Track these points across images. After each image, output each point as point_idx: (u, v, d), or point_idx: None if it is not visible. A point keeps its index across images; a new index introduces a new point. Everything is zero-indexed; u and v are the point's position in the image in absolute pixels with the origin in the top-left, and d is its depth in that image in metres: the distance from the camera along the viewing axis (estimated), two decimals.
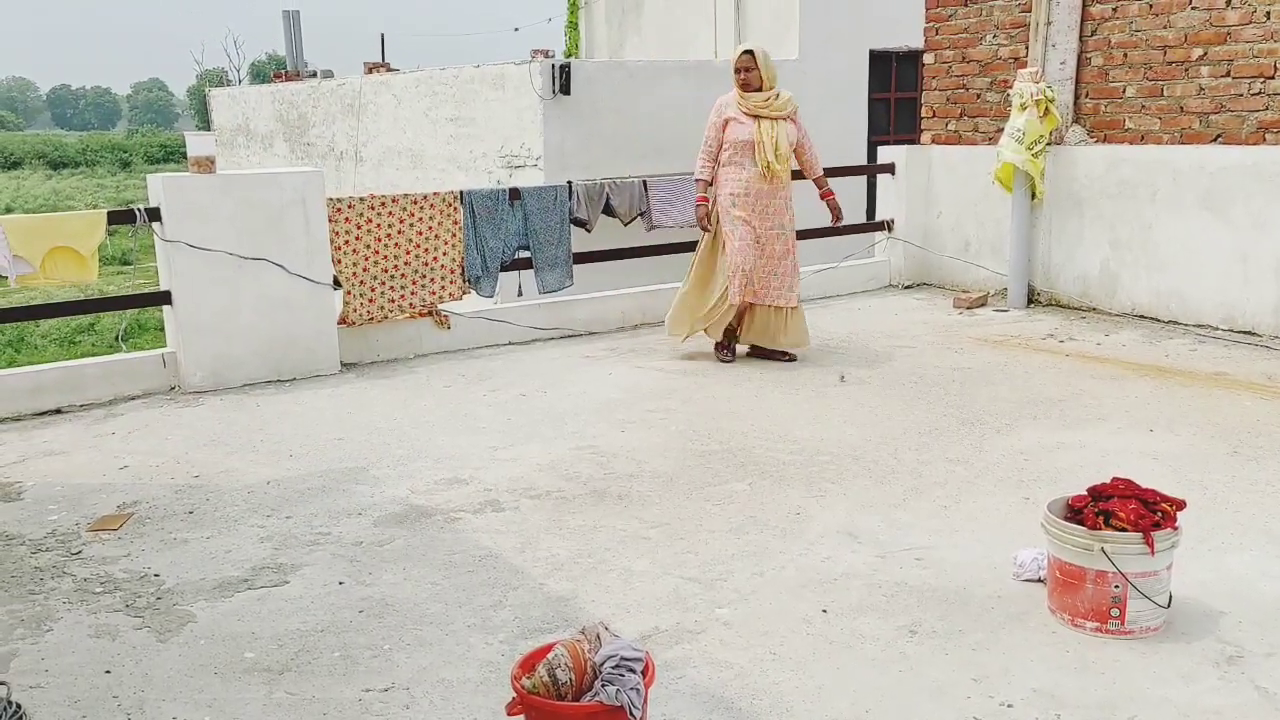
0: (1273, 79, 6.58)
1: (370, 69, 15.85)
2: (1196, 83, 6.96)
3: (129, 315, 13.12)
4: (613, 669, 2.46)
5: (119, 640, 3.20)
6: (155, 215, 5.78)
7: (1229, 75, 6.79)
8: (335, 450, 4.89)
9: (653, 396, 5.64)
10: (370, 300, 6.41)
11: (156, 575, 3.63)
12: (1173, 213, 7.04)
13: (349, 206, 6.31)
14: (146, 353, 6.12)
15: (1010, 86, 7.76)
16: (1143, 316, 7.25)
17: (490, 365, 6.40)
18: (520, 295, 7.11)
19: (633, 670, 2.47)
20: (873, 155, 12.92)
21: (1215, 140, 6.90)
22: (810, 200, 6.64)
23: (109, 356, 6.09)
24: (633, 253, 7.70)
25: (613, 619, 3.21)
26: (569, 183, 7.17)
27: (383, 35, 21.36)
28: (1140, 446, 4.71)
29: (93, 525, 4.07)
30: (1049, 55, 7.64)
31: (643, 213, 7.41)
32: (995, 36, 8.22)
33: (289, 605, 3.39)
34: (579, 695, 2.46)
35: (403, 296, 6.52)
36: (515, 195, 6.89)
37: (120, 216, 5.83)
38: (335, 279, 6.28)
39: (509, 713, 2.49)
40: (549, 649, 2.55)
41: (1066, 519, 3.21)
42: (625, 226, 7.44)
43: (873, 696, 2.82)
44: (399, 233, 6.46)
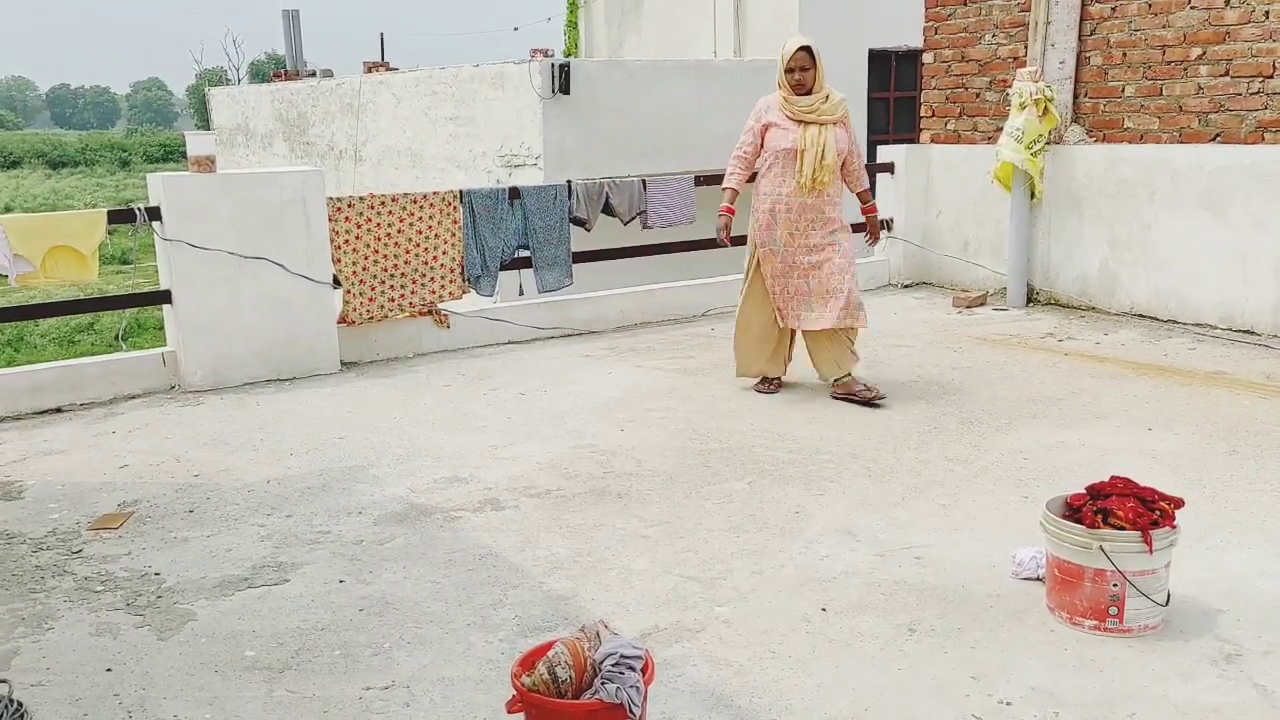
0: (1271, 78, 6.59)
1: (370, 68, 15.86)
2: (1195, 82, 6.96)
3: (129, 314, 13.12)
4: (612, 667, 2.47)
5: (120, 638, 3.21)
6: (155, 214, 5.79)
7: (1228, 75, 6.80)
8: (335, 449, 4.90)
9: (652, 395, 5.65)
10: (370, 299, 6.42)
11: (157, 574, 3.64)
12: (1172, 212, 7.05)
13: (349, 206, 6.32)
14: (147, 352, 6.13)
15: (1009, 86, 7.77)
16: (1142, 316, 7.26)
17: (490, 364, 6.41)
18: (520, 294, 7.11)
19: (632, 668, 2.47)
20: (872, 154, 12.92)
21: (1214, 140, 6.90)
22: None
23: (109, 356, 6.09)
24: (633, 252, 7.70)
25: (612, 617, 3.22)
26: (568, 182, 7.17)
27: (382, 35, 21.38)
28: (1139, 445, 4.72)
29: (93, 524, 4.08)
30: (1048, 54, 7.65)
31: (642, 212, 7.42)
32: (994, 36, 8.23)
33: (289, 604, 3.40)
34: (579, 693, 2.47)
35: (403, 296, 6.53)
36: (515, 194, 6.90)
37: (120, 216, 5.83)
38: (335, 278, 6.28)
39: (509, 710, 2.50)
40: (549, 647, 2.55)
41: (1065, 517, 3.22)
42: (625, 226, 7.44)
43: (872, 694, 2.83)
44: (399, 232, 6.46)
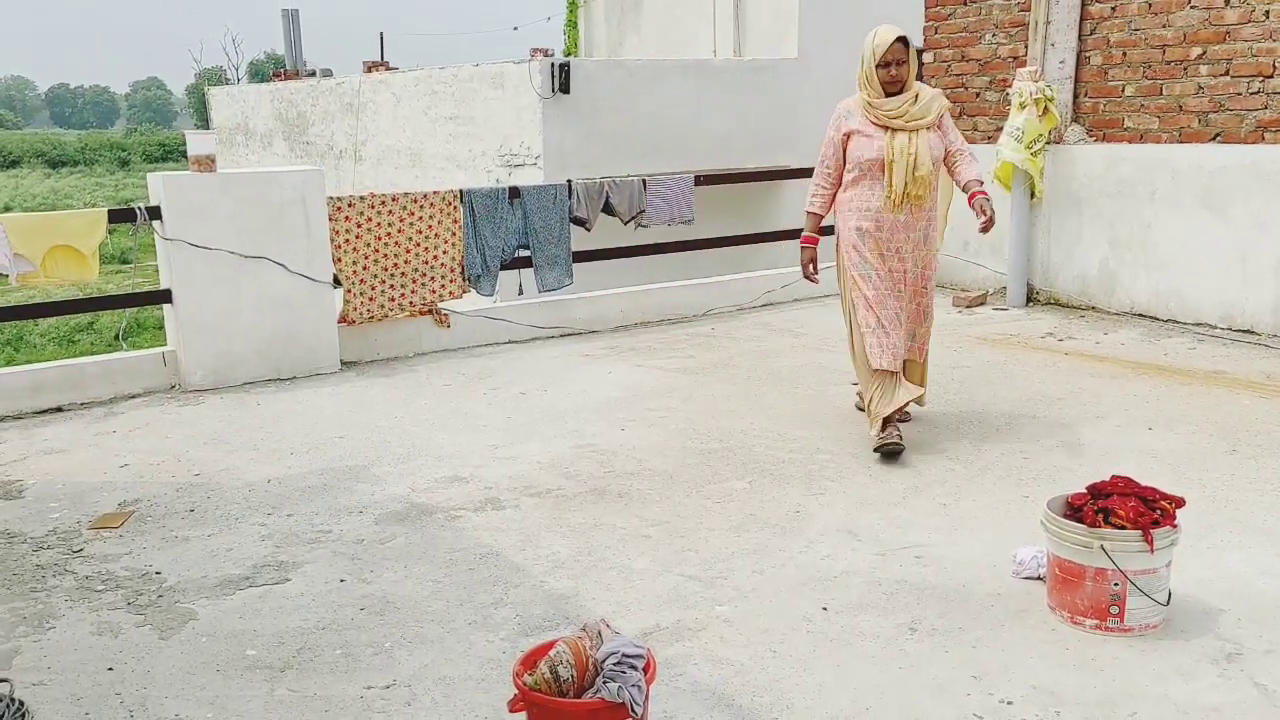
0: (1271, 78, 6.59)
1: (369, 68, 15.85)
2: (1195, 81, 6.96)
3: (129, 314, 13.11)
4: (614, 666, 2.47)
5: (121, 638, 3.21)
6: (155, 214, 5.79)
7: (1228, 74, 6.80)
8: (336, 448, 4.90)
9: (652, 395, 5.65)
10: (370, 299, 6.42)
11: (158, 573, 3.64)
12: (1172, 212, 7.05)
13: (349, 205, 6.32)
14: (147, 351, 6.13)
15: (1009, 85, 7.77)
16: (1142, 315, 7.26)
17: (490, 364, 6.41)
18: (520, 294, 7.11)
19: (634, 667, 2.47)
20: None
21: (1214, 139, 6.90)
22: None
23: (109, 355, 6.09)
24: (632, 251, 7.71)
25: (613, 617, 3.22)
26: (569, 181, 7.17)
27: (382, 34, 21.37)
28: (1139, 444, 4.72)
29: (94, 523, 4.08)
30: (1048, 54, 7.65)
31: (642, 211, 7.42)
32: (994, 35, 8.22)
33: (290, 603, 3.40)
34: (580, 692, 2.47)
35: (403, 295, 6.53)
36: (515, 194, 6.90)
37: (120, 215, 5.83)
38: (335, 277, 6.28)
39: (511, 709, 2.50)
40: (550, 646, 2.55)
41: (1066, 517, 3.22)
42: (625, 225, 7.45)
43: (873, 693, 2.83)
44: (399, 231, 6.46)
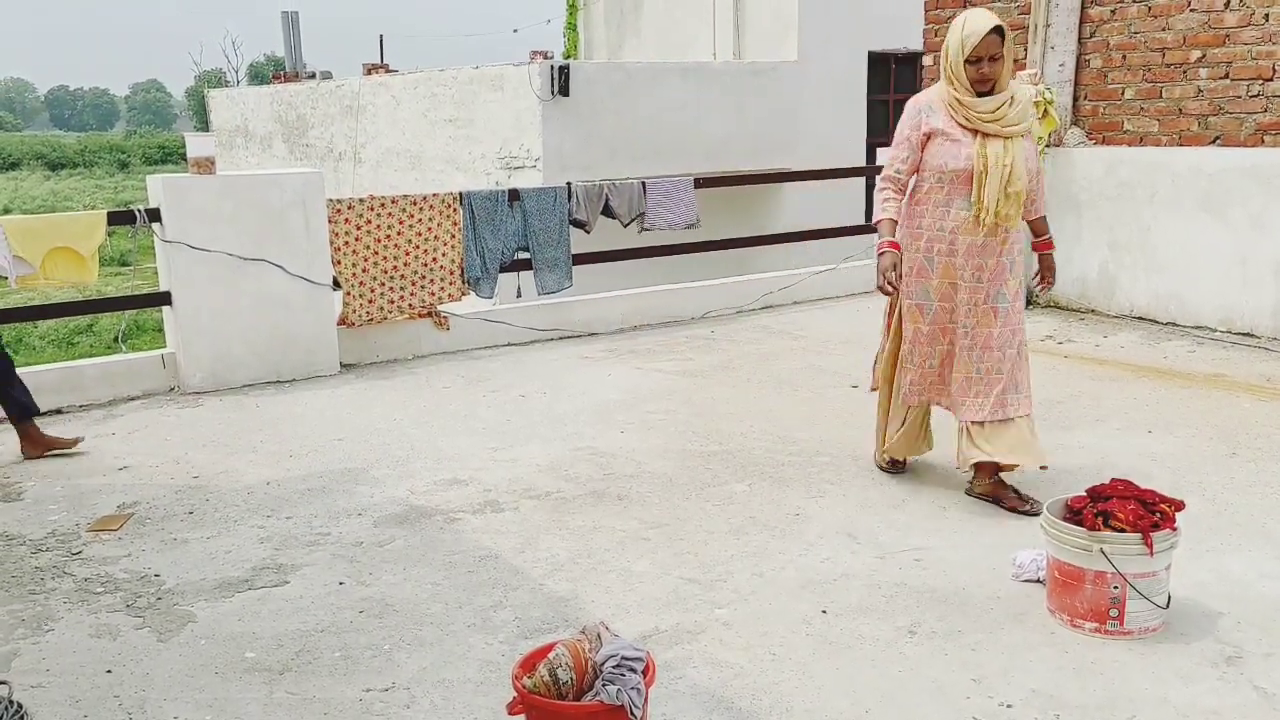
0: (1271, 81, 6.60)
1: (369, 70, 15.87)
2: (1195, 85, 6.97)
3: (128, 316, 13.11)
4: (613, 668, 2.47)
5: (120, 640, 3.20)
6: (155, 216, 5.79)
7: (1227, 77, 6.81)
8: (335, 451, 4.89)
9: (652, 398, 5.65)
10: (370, 301, 6.42)
11: (157, 575, 3.64)
12: (1171, 214, 7.06)
13: (349, 208, 6.32)
14: (146, 353, 6.12)
15: None
16: (1141, 318, 7.26)
17: (489, 366, 6.40)
18: (519, 296, 7.11)
19: (633, 670, 2.47)
20: (871, 157, 12.95)
21: (1214, 142, 6.91)
22: (809, 200, 6.63)
23: (109, 357, 6.09)
24: (632, 254, 7.70)
25: (613, 619, 3.21)
26: (568, 184, 7.17)
27: (381, 36, 21.39)
28: (1139, 447, 4.72)
29: (93, 525, 4.07)
30: (1048, 57, 7.66)
31: (642, 214, 7.42)
32: None
33: (289, 605, 3.40)
34: (580, 695, 2.46)
35: (402, 297, 6.53)
36: (514, 196, 6.90)
37: (120, 217, 5.83)
38: (335, 280, 6.28)
39: (510, 712, 2.50)
40: (550, 649, 2.55)
41: (1065, 520, 3.22)
42: (624, 228, 7.45)
43: (872, 696, 2.83)
44: (398, 234, 6.46)
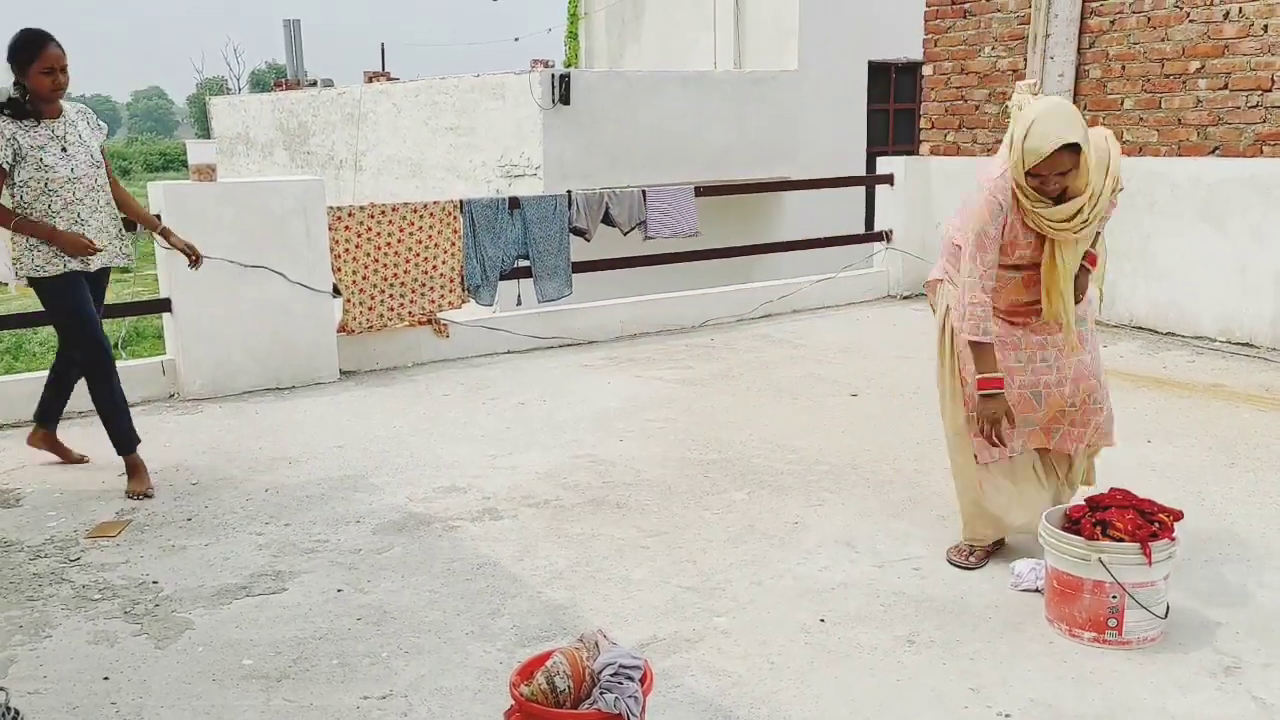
0: (1270, 91, 6.61)
1: (370, 78, 15.91)
2: (1194, 95, 6.98)
3: (128, 322, 13.11)
4: (611, 677, 2.46)
5: (117, 647, 3.20)
6: None
7: (1227, 88, 6.82)
8: (334, 458, 4.89)
9: (651, 406, 5.65)
10: (370, 308, 6.42)
11: (155, 582, 3.63)
12: (1171, 224, 7.06)
13: (349, 215, 6.33)
14: (146, 360, 6.13)
15: (1009, 98, 7.77)
16: (1140, 327, 7.26)
17: (489, 374, 6.41)
18: (519, 304, 7.12)
19: (631, 678, 2.47)
20: (871, 166, 12.98)
21: (1213, 152, 6.92)
22: (809, 209, 6.61)
23: None
24: (632, 262, 7.71)
25: (611, 627, 3.21)
26: (568, 192, 7.18)
27: (383, 44, 21.45)
28: (1138, 457, 4.72)
29: (91, 532, 4.07)
30: (1047, 67, 7.67)
31: (642, 222, 7.44)
32: (994, 48, 8.25)
33: (287, 613, 3.39)
34: (577, 703, 2.46)
35: (402, 305, 6.53)
36: (515, 204, 6.91)
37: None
38: (335, 287, 6.29)
39: None
40: (547, 656, 2.55)
41: (1064, 529, 3.22)
42: (624, 236, 7.46)
43: (871, 706, 2.82)
44: (399, 241, 6.47)
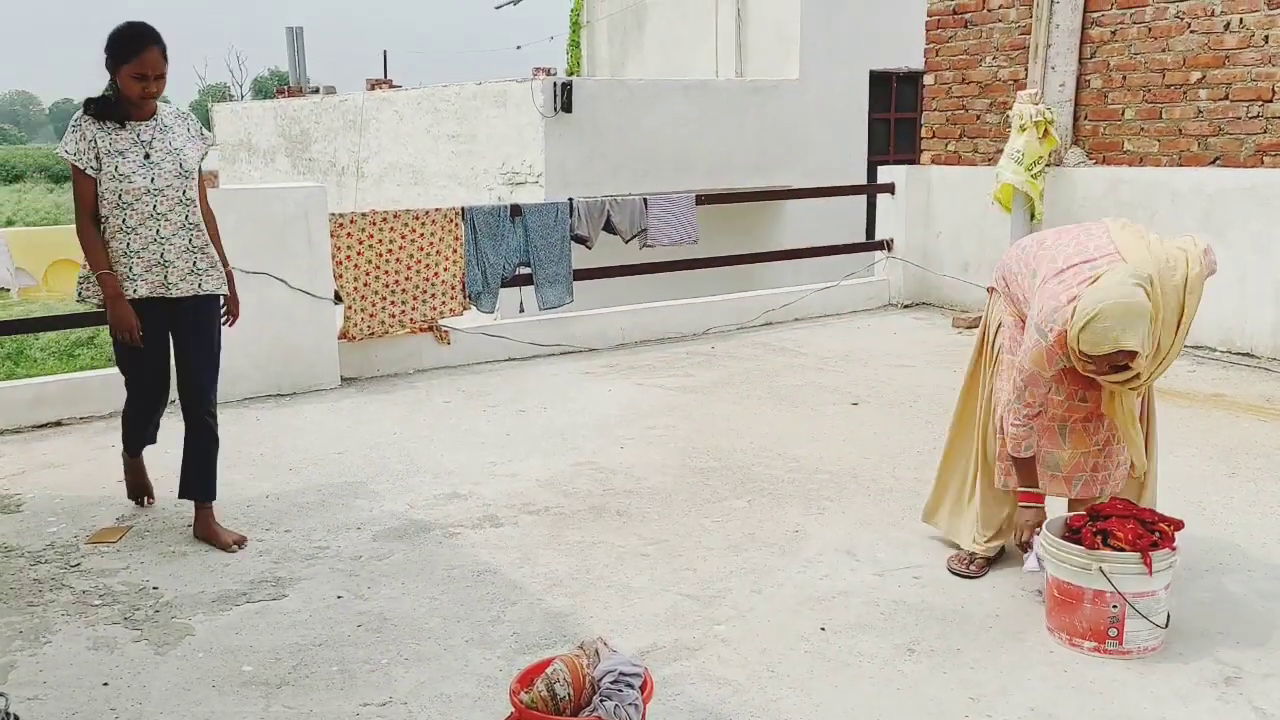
0: (1271, 102, 6.62)
1: (373, 85, 15.94)
2: (1195, 105, 7.00)
3: None
4: (611, 684, 2.46)
5: (117, 652, 3.20)
6: None
7: (1227, 98, 6.83)
8: (334, 464, 4.89)
9: (652, 413, 5.65)
10: (371, 315, 6.43)
11: (155, 588, 3.63)
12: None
13: (351, 222, 6.34)
14: None
15: (1010, 108, 7.80)
16: None
17: (490, 381, 6.41)
18: (521, 311, 7.12)
19: (631, 686, 2.47)
20: (872, 175, 12.98)
21: (1214, 163, 6.93)
22: (810, 217, 6.62)
23: (110, 369, 6.08)
24: (633, 270, 7.72)
25: (611, 635, 3.21)
26: (570, 200, 7.19)
27: (385, 52, 21.48)
28: None
29: (92, 538, 4.07)
30: (1048, 77, 7.69)
31: (643, 230, 7.45)
32: (995, 58, 8.27)
33: (287, 619, 3.39)
34: (577, 710, 2.46)
35: (404, 312, 6.54)
36: (516, 212, 6.92)
37: None
38: (336, 294, 6.29)
39: None
40: (548, 664, 2.55)
41: (1065, 538, 3.22)
42: (626, 244, 7.47)
43: (870, 714, 2.82)
44: (400, 248, 6.48)
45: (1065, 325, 3.12)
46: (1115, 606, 3.06)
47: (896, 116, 14.10)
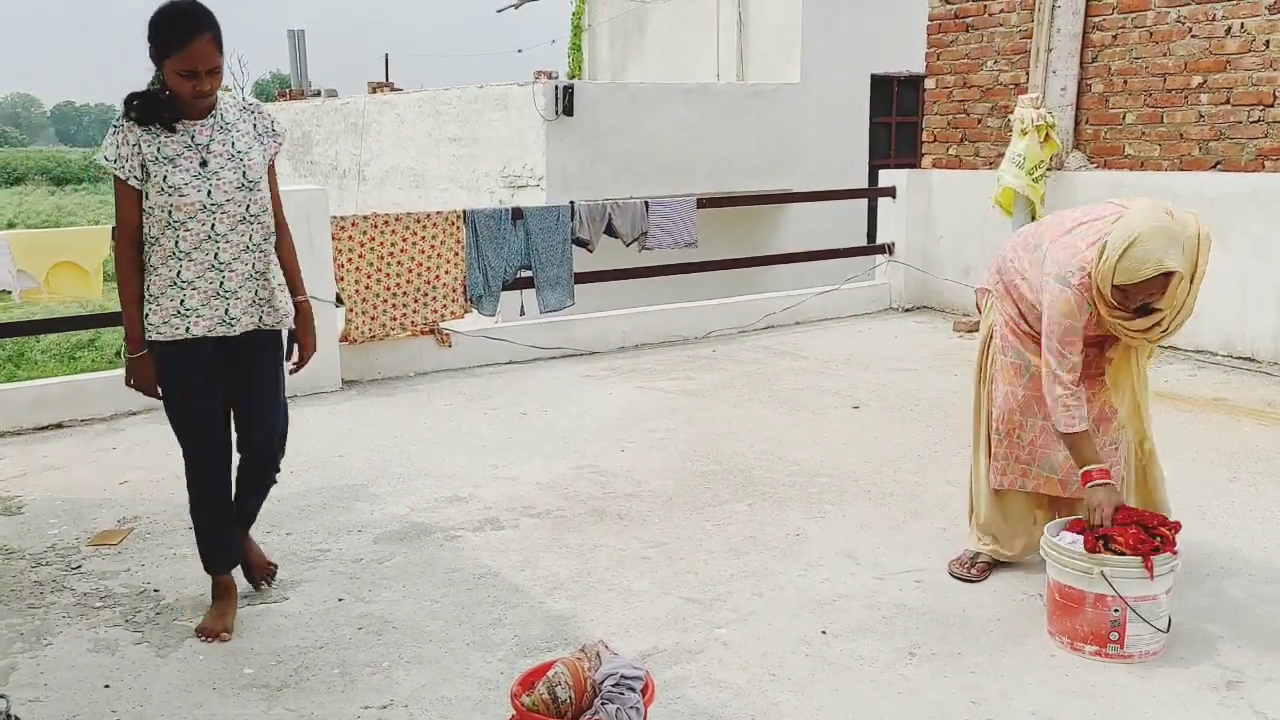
0: (1272, 107, 6.63)
1: (374, 88, 15.93)
2: (1196, 110, 7.00)
3: None
4: (612, 687, 2.46)
5: (118, 655, 3.20)
6: None
7: (1228, 103, 6.84)
8: (335, 467, 4.89)
9: (653, 416, 5.65)
10: (372, 318, 6.43)
11: (156, 590, 3.63)
12: None
13: (352, 225, 6.34)
14: None
15: (1011, 112, 7.81)
16: None
17: (491, 384, 6.41)
18: (522, 314, 7.12)
19: (632, 689, 2.47)
20: (874, 178, 12.99)
21: (1215, 167, 6.93)
22: (811, 221, 6.63)
23: (111, 371, 6.10)
24: (635, 273, 7.72)
25: (612, 638, 3.20)
26: (571, 203, 7.20)
27: (387, 55, 21.46)
28: None
29: (93, 540, 4.07)
30: (1050, 81, 7.69)
31: (644, 233, 7.45)
32: (996, 62, 8.27)
33: (288, 621, 3.39)
34: (579, 713, 2.46)
35: (405, 314, 6.54)
36: (518, 215, 6.92)
37: None
38: (338, 296, 6.30)
39: None
40: (549, 667, 2.55)
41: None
42: (627, 247, 7.47)
43: (871, 718, 2.82)
44: (402, 251, 6.48)
45: (1089, 267, 3.12)
46: (1117, 610, 3.06)
47: (898, 120, 14.11)
